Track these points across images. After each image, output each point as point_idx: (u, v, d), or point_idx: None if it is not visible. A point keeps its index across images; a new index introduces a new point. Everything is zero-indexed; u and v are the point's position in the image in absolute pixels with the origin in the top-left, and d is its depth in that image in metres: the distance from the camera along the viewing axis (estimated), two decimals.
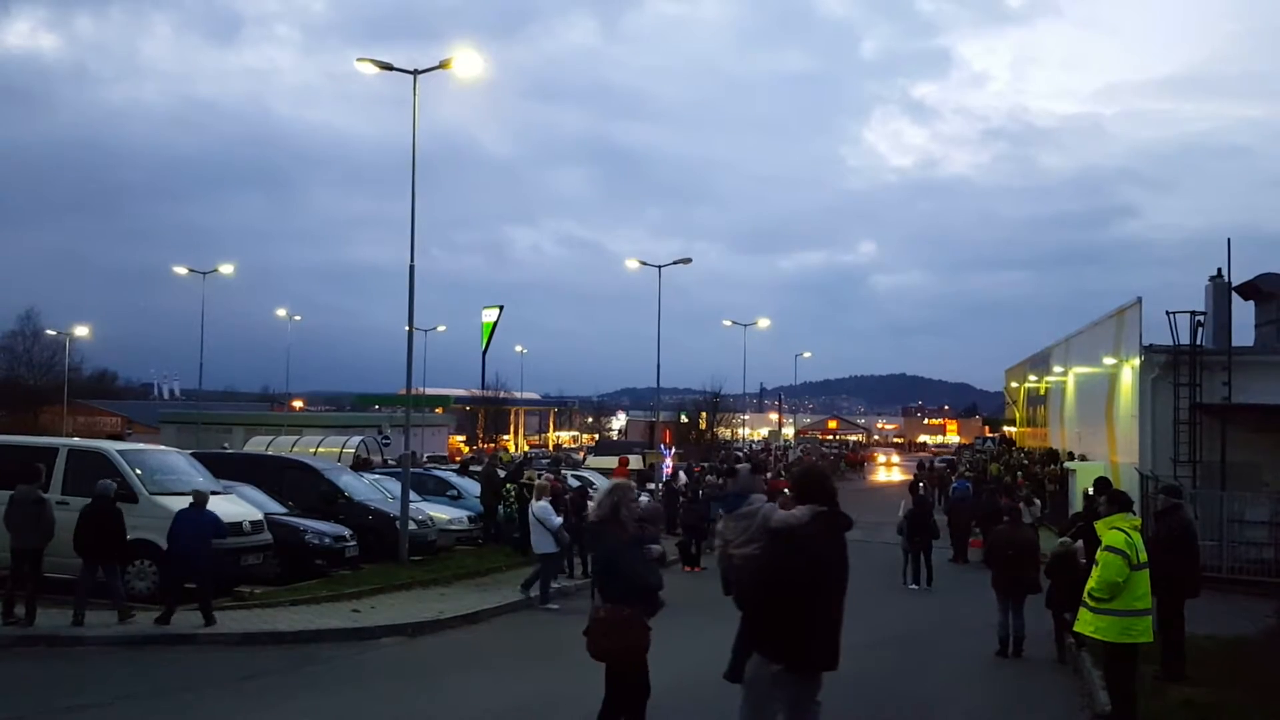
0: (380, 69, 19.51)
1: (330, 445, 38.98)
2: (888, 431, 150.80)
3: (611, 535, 6.88)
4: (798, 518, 6.00)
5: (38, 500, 12.58)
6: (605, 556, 7.00)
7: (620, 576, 6.75)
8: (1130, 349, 24.39)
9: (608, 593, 6.83)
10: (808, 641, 5.88)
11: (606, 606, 6.75)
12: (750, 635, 6.26)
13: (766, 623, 5.95)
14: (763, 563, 6.15)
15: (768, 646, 6.01)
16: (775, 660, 5.94)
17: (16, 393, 56.27)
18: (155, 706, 9.34)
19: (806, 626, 5.87)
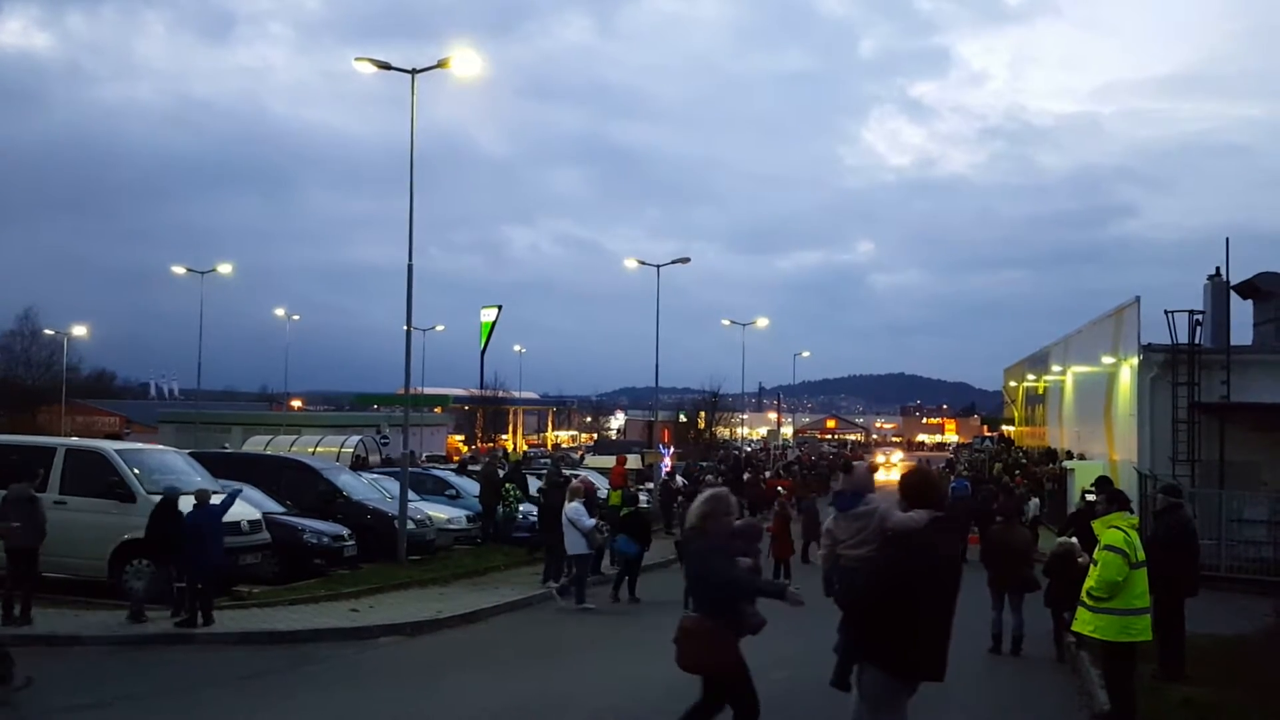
0: (379, 68, 19.50)
1: (329, 445, 39.02)
2: (886, 431, 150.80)
3: (699, 544, 6.62)
4: (916, 521, 5.85)
5: (30, 499, 12.60)
6: (693, 564, 6.73)
7: (709, 586, 6.49)
8: (1129, 348, 24.39)
9: (698, 603, 6.58)
10: (920, 650, 5.76)
11: (693, 616, 6.50)
12: (860, 642, 6.02)
13: (879, 629, 5.76)
14: (878, 566, 5.95)
15: (880, 654, 5.82)
16: (886, 668, 5.79)
17: (15, 392, 56.19)
18: (154, 706, 9.34)
19: (920, 634, 5.75)
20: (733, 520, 6.75)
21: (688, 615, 6.54)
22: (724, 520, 6.63)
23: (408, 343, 20.69)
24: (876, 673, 5.82)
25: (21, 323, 60.63)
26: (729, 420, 77.21)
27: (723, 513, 6.62)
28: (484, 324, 62.86)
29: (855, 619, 6.06)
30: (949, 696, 10.74)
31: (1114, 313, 26.59)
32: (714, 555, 6.51)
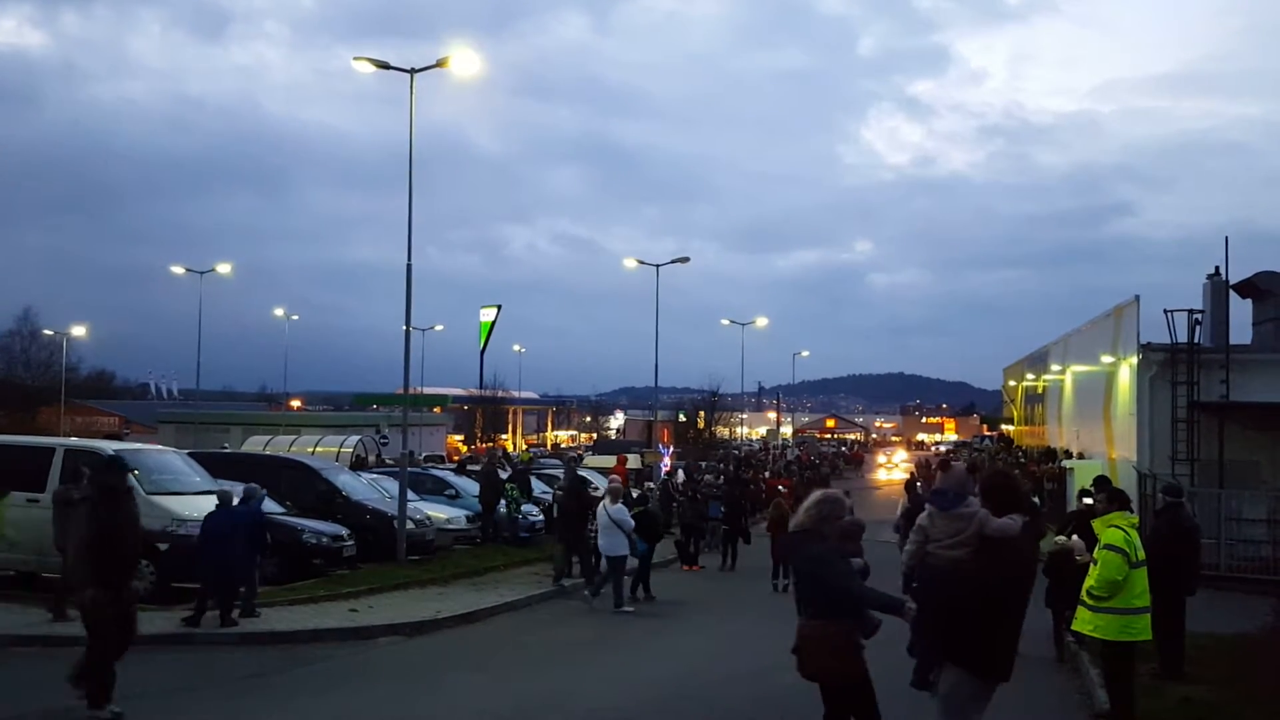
0: (377, 68, 19.50)
1: (328, 445, 38.96)
2: (886, 430, 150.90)
3: (816, 548, 6.41)
4: (1012, 528, 5.92)
5: (69, 501, 12.56)
6: (807, 568, 6.50)
7: (824, 589, 6.31)
8: (1128, 347, 24.39)
9: (812, 607, 6.37)
10: (1001, 652, 5.86)
11: (813, 623, 6.31)
12: (946, 643, 6.00)
13: (966, 631, 5.79)
14: (975, 570, 5.93)
15: (966, 656, 5.86)
16: (972, 670, 5.86)
17: (14, 393, 56.18)
18: (154, 707, 9.32)
19: (1007, 637, 5.85)
20: (844, 521, 6.70)
21: (807, 622, 6.36)
22: (838, 522, 6.54)
23: (407, 343, 20.69)
24: (960, 674, 5.86)
25: (20, 323, 60.76)
26: (729, 420, 77.14)
27: (836, 515, 6.51)
28: (483, 324, 62.76)
29: (942, 621, 6.02)
30: None
31: (1113, 312, 26.60)
32: (833, 560, 6.37)
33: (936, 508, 6.32)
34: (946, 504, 6.25)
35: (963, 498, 6.23)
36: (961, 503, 6.20)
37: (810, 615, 6.33)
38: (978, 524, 6.04)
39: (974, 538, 6.02)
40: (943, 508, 6.26)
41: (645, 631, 14.36)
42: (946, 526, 6.21)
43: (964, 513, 6.13)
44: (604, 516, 16.13)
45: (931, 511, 6.38)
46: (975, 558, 5.98)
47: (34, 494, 14.31)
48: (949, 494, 6.29)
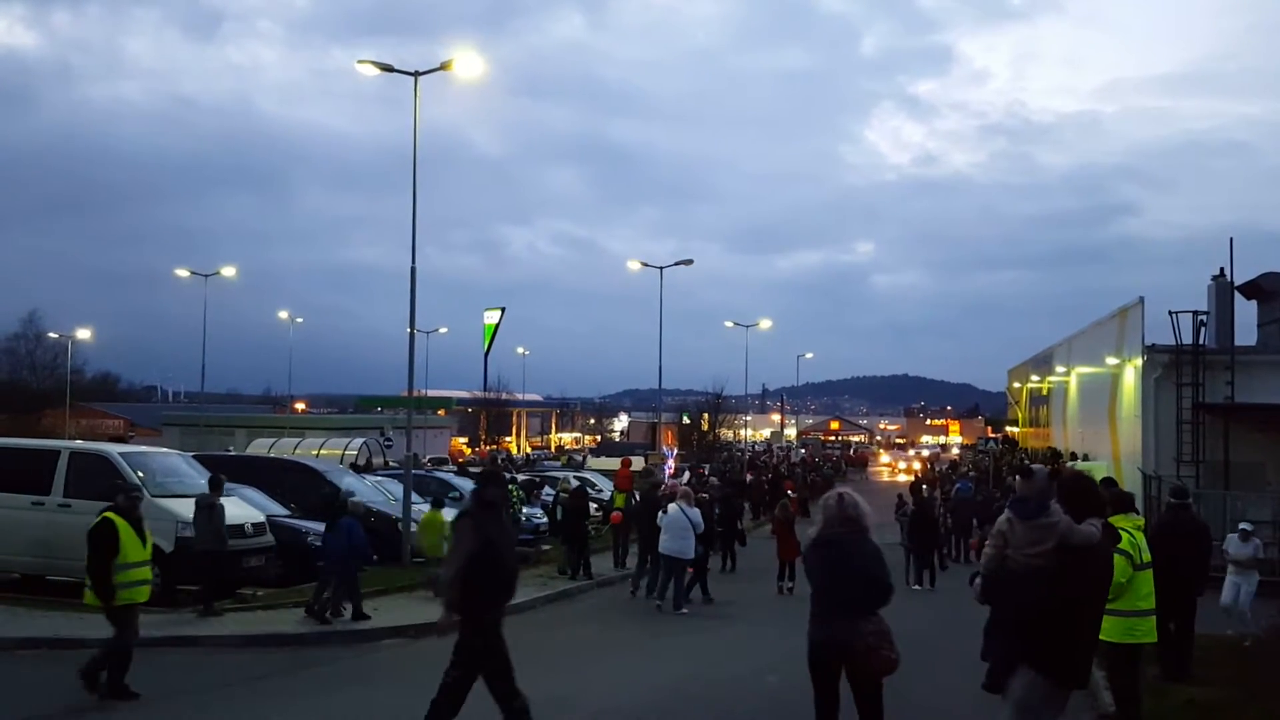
0: (382, 71, 19.53)
1: (332, 447, 39.06)
2: (890, 432, 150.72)
3: (868, 544, 6.57)
4: (1095, 535, 5.93)
5: (210, 506, 13.47)
6: (869, 566, 6.54)
7: (880, 588, 6.48)
8: (1133, 349, 24.37)
9: (867, 603, 6.43)
10: (1078, 657, 5.87)
11: (875, 618, 6.39)
12: (1024, 648, 5.93)
13: (1045, 637, 5.77)
14: (1057, 576, 5.88)
15: (1044, 661, 5.81)
16: (1050, 675, 5.81)
17: (19, 395, 56.27)
18: (159, 708, 9.35)
19: (1085, 644, 5.88)
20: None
21: (869, 618, 6.38)
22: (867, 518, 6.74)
23: (411, 345, 20.70)
24: (1037, 679, 5.81)
25: (26, 326, 60.83)
26: (733, 422, 77.14)
27: (869, 513, 6.73)
28: (487, 326, 62.91)
29: (1020, 626, 5.98)
30: (952, 697, 10.74)
31: (1118, 313, 26.58)
32: (880, 556, 6.59)
33: (1017, 516, 6.18)
34: (1028, 513, 6.13)
35: (1045, 507, 6.10)
36: (1044, 512, 6.07)
37: (853, 614, 6.34)
38: (1060, 534, 5.94)
39: (1055, 547, 5.94)
40: (1024, 516, 6.14)
41: (649, 633, 14.35)
42: (1027, 535, 6.10)
43: (1046, 523, 6.02)
44: (679, 518, 16.03)
45: (1011, 518, 6.26)
46: (1057, 566, 5.91)
47: (39, 497, 14.35)
48: (1030, 503, 6.16)
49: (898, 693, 10.78)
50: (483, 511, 7.68)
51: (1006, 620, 6.17)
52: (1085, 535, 5.90)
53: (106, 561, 9.31)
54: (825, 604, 6.51)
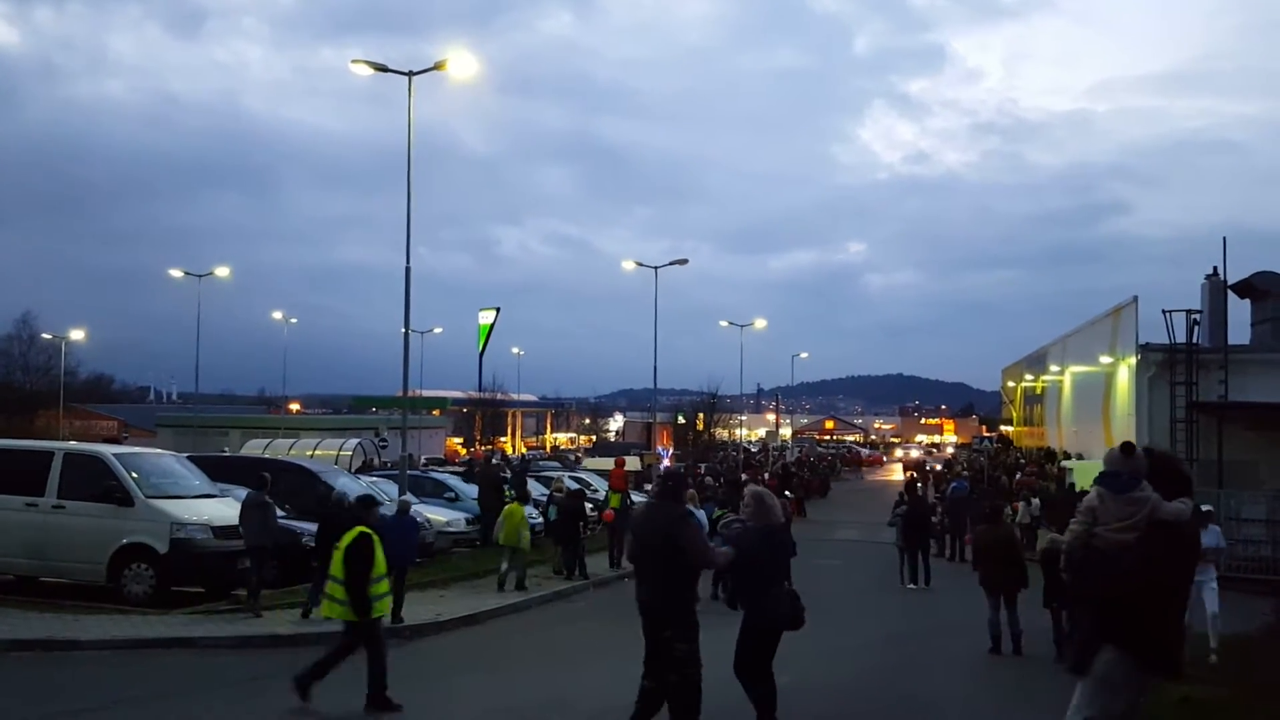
0: (375, 71, 19.51)
1: (327, 448, 38.97)
2: (885, 431, 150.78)
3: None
4: (1185, 512, 5.86)
5: (262, 504, 13.76)
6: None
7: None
8: (1127, 348, 24.44)
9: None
10: (1173, 642, 5.80)
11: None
12: (1109, 627, 5.83)
13: (1133, 618, 5.70)
14: (1145, 555, 5.79)
15: (1131, 642, 5.72)
16: (1136, 656, 5.73)
17: (12, 397, 56.11)
18: (154, 710, 9.33)
19: (1173, 625, 5.80)
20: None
21: None
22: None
23: (405, 345, 20.70)
24: (1123, 659, 5.73)
25: (19, 327, 60.58)
26: (728, 421, 77.15)
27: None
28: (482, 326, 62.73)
29: (1104, 603, 5.93)
30: (948, 695, 10.77)
31: (1111, 312, 26.64)
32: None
33: (1109, 490, 6.17)
34: (1120, 487, 6.08)
35: (1137, 481, 6.07)
36: (1136, 486, 6.05)
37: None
38: (1151, 508, 5.93)
39: (1144, 522, 5.92)
40: (1116, 490, 6.09)
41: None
42: (1118, 510, 6.05)
43: (1138, 496, 5.99)
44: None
45: (1101, 493, 6.22)
46: (1144, 542, 5.86)
47: (33, 498, 14.31)
48: (1123, 476, 6.12)
49: (896, 690, 10.84)
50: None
51: (1091, 599, 6.08)
52: (1176, 511, 5.87)
53: (366, 576, 9.24)
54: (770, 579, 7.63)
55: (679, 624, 7.32)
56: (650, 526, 7.66)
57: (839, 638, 13.03)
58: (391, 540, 13.63)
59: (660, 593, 7.41)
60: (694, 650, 7.36)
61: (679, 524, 7.43)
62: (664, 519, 7.51)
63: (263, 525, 13.83)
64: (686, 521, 7.52)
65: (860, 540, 29.48)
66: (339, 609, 9.36)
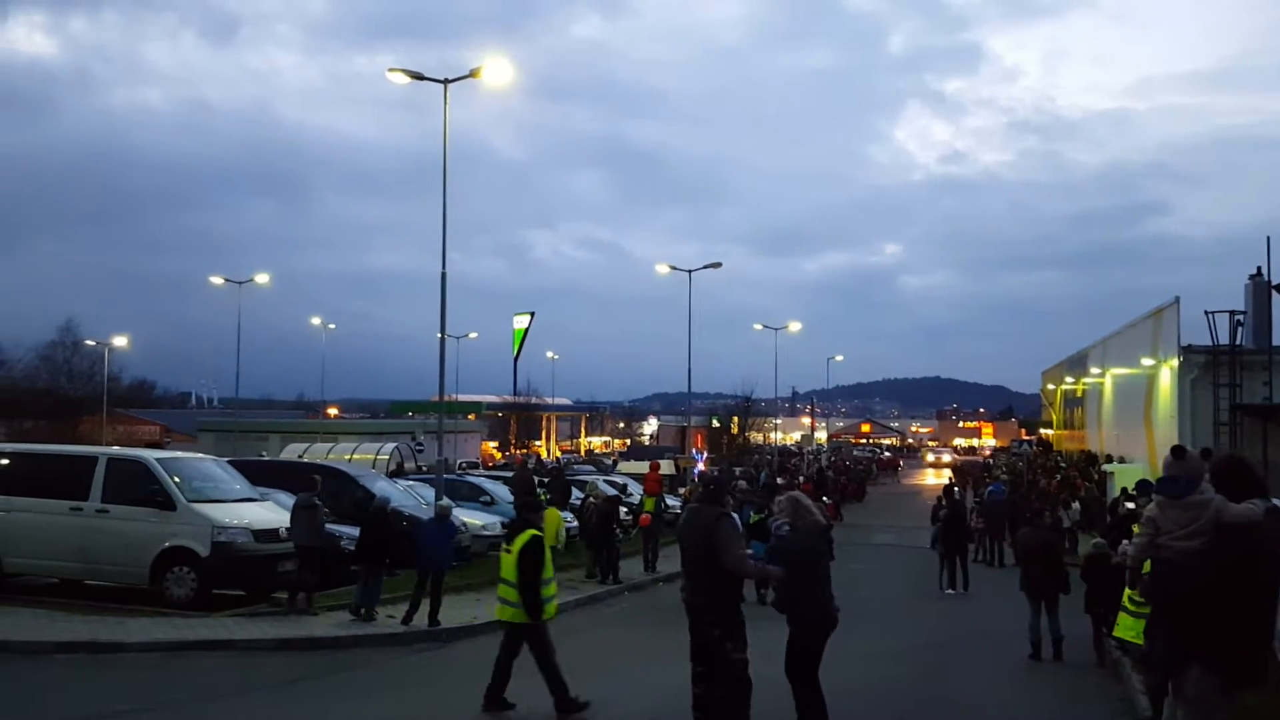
0: (412, 79, 19.66)
1: (365, 452, 39.28)
2: (922, 435, 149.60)
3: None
4: (1255, 513, 5.50)
5: (311, 506, 14.10)
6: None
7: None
8: (1168, 349, 24.08)
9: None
10: (1252, 652, 5.39)
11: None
12: (1187, 642, 5.55)
13: (1208, 629, 5.37)
14: (1215, 562, 5.51)
15: (1208, 656, 5.38)
16: (1216, 671, 5.39)
17: (57, 402, 57.05)
18: (195, 711, 9.45)
19: (1253, 635, 5.40)
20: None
21: None
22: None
23: (442, 350, 20.80)
24: (1204, 676, 5.42)
25: (63, 333, 61.61)
26: (762, 425, 76.87)
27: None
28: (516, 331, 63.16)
29: (1178, 617, 5.64)
30: (986, 701, 10.66)
31: (1153, 314, 26.28)
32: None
33: (1166, 496, 5.85)
34: (1178, 491, 5.83)
35: (1195, 484, 5.82)
36: (1194, 490, 5.80)
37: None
38: (1214, 512, 5.64)
39: (1210, 526, 5.64)
40: (1174, 496, 5.85)
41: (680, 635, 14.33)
42: (1178, 516, 5.80)
43: (1197, 500, 5.73)
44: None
45: (1160, 500, 5.95)
46: (1212, 548, 5.56)
47: (77, 502, 14.55)
48: (1180, 481, 5.86)
49: (936, 694, 10.75)
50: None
51: (1167, 613, 5.81)
52: (1243, 513, 5.54)
53: (540, 579, 9.29)
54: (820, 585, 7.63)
55: (725, 624, 7.37)
56: (692, 529, 7.72)
57: (878, 642, 12.95)
58: (429, 544, 13.79)
59: (705, 594, 7.46)
60: (742, 651, 7.40)
61: (715, 524, 7.48)
62: (704, 520, 7.57)
63: (311, 527, 14.10)
64: (721, 522, 7.55)
65: (897, 545, 29.25)
66: (510, 611, 9.31)
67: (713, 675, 7.39)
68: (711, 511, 7.65)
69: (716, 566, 7.34)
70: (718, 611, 7.39)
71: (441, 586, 13.83)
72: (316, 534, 14.25)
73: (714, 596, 7.41)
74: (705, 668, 7.45)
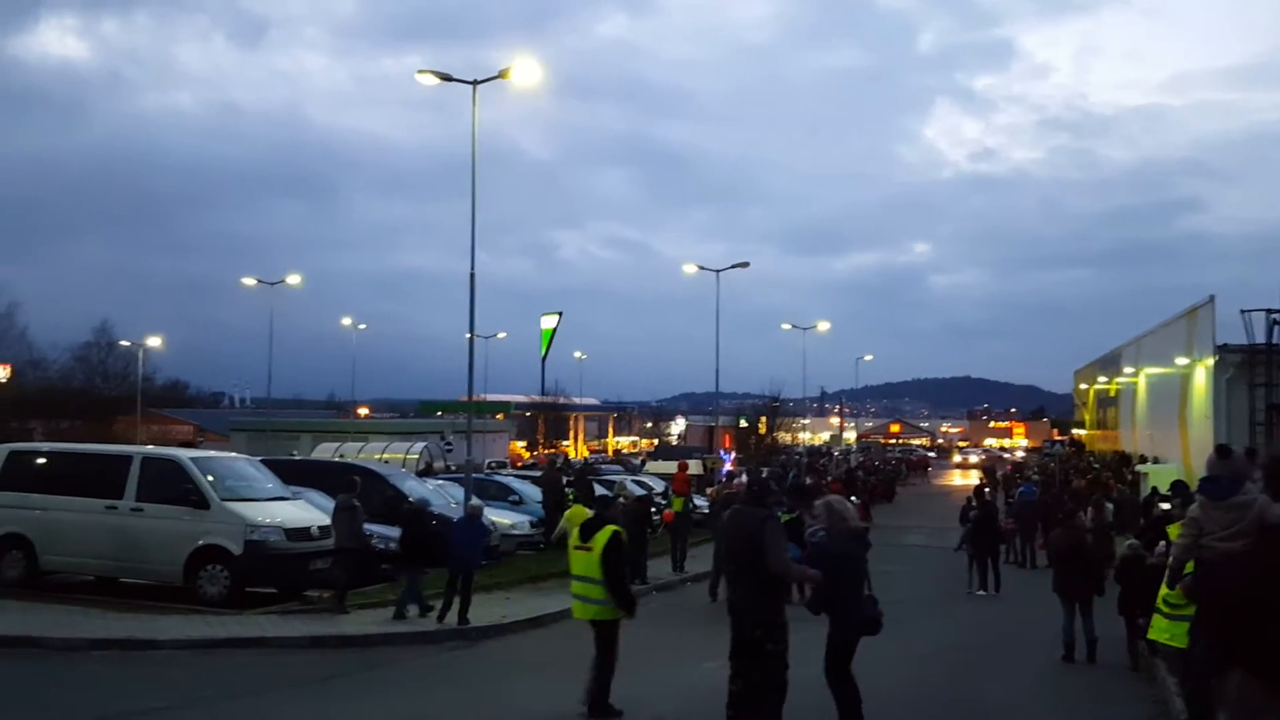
0: (441, 80, 19.78)
1: (394, 451, 39.54)
2: (952, 435, 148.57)
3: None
4: None
5: (350, 507, 14.24)
6: None
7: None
8: (1203, 349, 23.78)
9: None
10: None
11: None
12: (1229, 646, 5.40)
13: (1252, 633, 5.20)
14: (1258, 563, 5.36)
15: (1252, 660, 5.21)
16: (1260, 676, 5.20)
17: (92, 402, 57.77)
18: (227, 708, 9.54)
19: None
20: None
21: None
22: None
23: (470, 350, 20.91)
24: (1245, 679, 5.26)
25: (98, 334, 62.40)
26: (790, 425, 76.61)
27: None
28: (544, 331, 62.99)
29: (1220, 620, 5.52)
30: (1018, 704, 10.57)
31: (1187, 312, 25.96)
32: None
33: (1209, 497, 5.77)
34: (1220, 492, 5.76)
35: (1238, 484, 5.73)
36: (1237, 490, 5.71)
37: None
38: (1257, 513, 5.54)
39: (1253, 527, 5.52)
40: (1216, 497, 5.77)
41: (711, 636, 14.29)
42: (1221, 517, 5.71)
43: (1240, 501, 5.65)
44: None
45: (1203, 501, 5.86)
46: (1255, 549, 5.44)
47: (112, 501, 14.74)
48: (1223, 481, 5.79)
49: (967, 696, 10.67)
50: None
51: (1208, 615, 5.67)
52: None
53: (626, 573, 9.31)
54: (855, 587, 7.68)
55: (767, 625, 7.37)
56: (737, 530, 7.75)
57: (909, 644, 12.87)
58: (460, 543, 13.86)
59: (749, 595, 7.47)
60: (782, 651, 7.42)
61: (761, 526, 7.51)
62: (750, 522, 7.60)
63: (351, 528, 14.23)
64: (768, 524, 7.57)
65: (928, 546, 29.06)
66: (594, 609, 9.20)
67: (750, 674, 7.39)
68: (758, 513, 7.68)
69: (762, 568, 7.35)
70: (760, 612, 7.41)
71: (471, 585, 13.88)
72: (356, 536, 14.39)
73: (758, 597, 7.43)
74: (743, 666, 7.46)
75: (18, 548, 14.99)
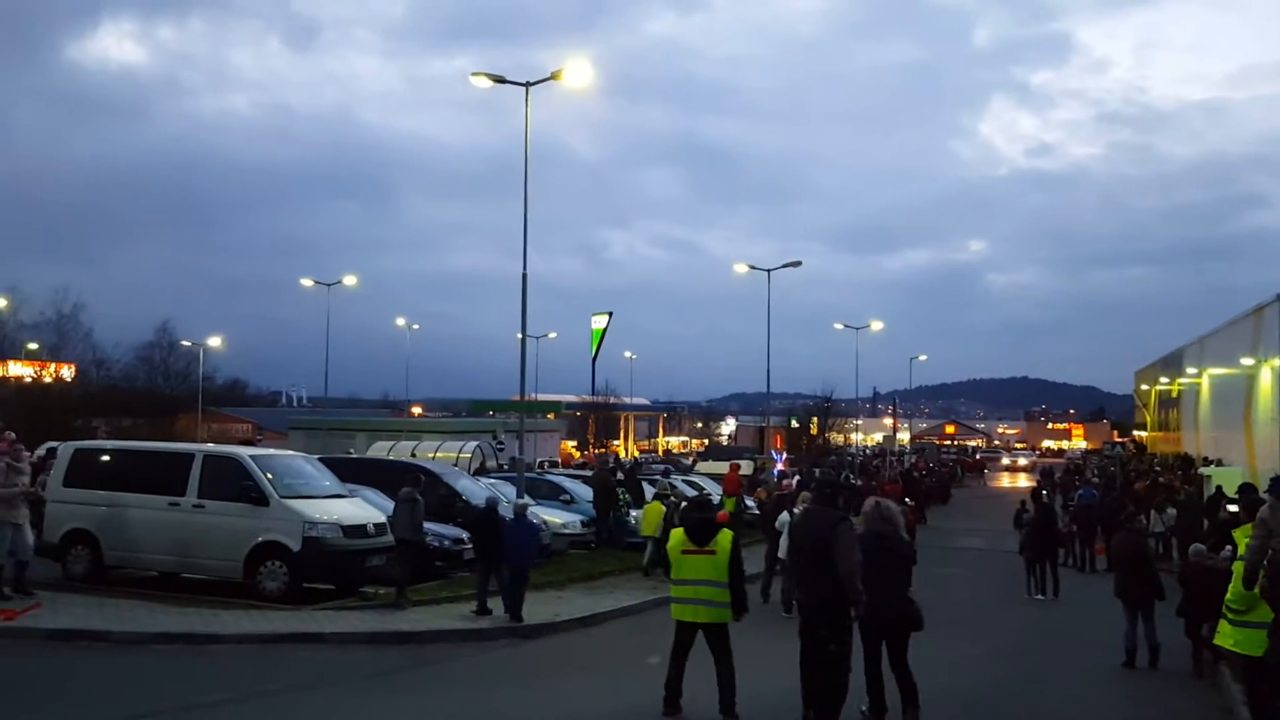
0: (494, 83, 19.93)
1: (447, 450, 39.87)
2: (1009, 437, 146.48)
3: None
4: None
5: (412, 500, 14.59)
6: None
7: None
8: (1270, 348, 23.21)
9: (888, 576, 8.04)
10: None
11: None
12: None
13: None
14: None
15: None
16: None
17: (154, 401, 59.00)
18: (287, 701, 9.71)
19: None
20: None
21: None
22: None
23: (523, 350, 21.04)
24: None
25: (160, 334, 63.74)
26: (843, 426, 76.04)
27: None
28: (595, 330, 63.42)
29: None
30: (1077, 710, 10.40)
31: (1253, 311, 25.36)
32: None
33: (1276, 498, 5.81)
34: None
35: None
36: None
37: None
38: None
39: None
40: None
41: (761, 640, 14.23)
42: None
43: None
44: None
45: (1272, 503, 5.87)
46: None
47: (175, 498, 15.05)
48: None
49: (1025, 700, 10.52)
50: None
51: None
52: None
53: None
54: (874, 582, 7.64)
55: (832, 625, 7.37)
56: (806, 531, 7.76)
57: (965, 647, 12.73)
58: (511, 542, 13.96)
59: (817, 594, 7.48)
60: (845, 652, 7.44)
61: (833, 528, 7.50)
62: (820, 523, 7.60)
63: (411, 520, 14.49)
64: (840, 527, 7.56)
65: (984, 549, 28.69)
66: (716, 612, 8.88)
67: (814, 672, 7.40)
68: (830, 515, 7.72)
69: (831, 570, 7.35)
70: (827, 612, 7.43)
71: (525, 583, 13.96)
72: (416, 529, 14.60)
73: (826, 598, 7.43)
74: (811, 664, 7.48)
75: (83, 543, 15.35)
